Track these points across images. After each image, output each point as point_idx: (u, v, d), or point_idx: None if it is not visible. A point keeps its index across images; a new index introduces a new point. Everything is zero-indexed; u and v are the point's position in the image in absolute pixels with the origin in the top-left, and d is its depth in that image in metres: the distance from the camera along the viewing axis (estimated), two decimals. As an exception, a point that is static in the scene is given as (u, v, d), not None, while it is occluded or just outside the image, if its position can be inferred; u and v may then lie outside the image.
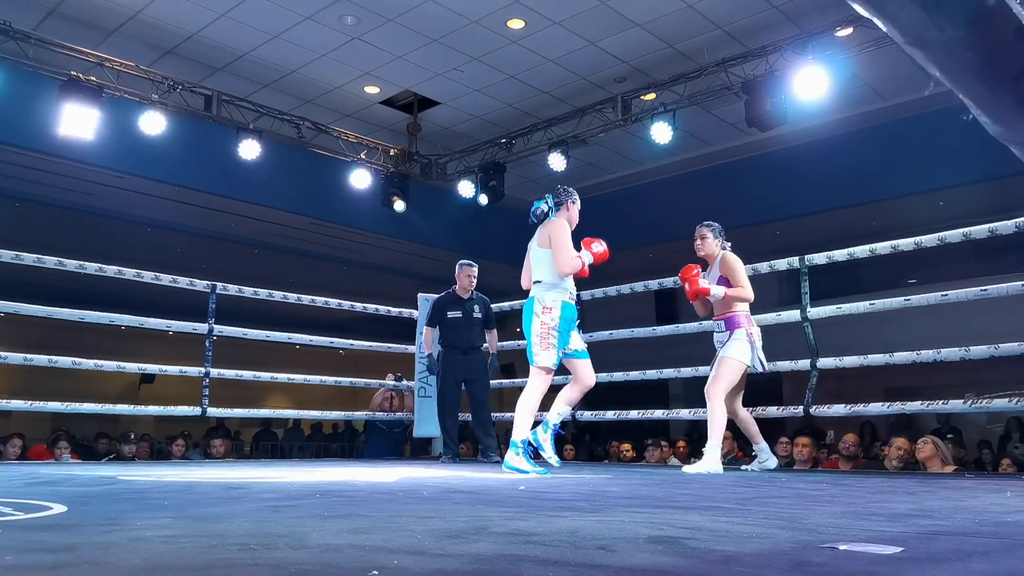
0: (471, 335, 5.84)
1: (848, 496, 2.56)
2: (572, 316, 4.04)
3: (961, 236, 4.45)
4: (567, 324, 3.97)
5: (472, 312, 5.86)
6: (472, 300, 5.92)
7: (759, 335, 4.45)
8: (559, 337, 3.92)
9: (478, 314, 5.87)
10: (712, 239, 4.63)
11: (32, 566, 1.07)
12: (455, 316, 5.83)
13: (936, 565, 1.17)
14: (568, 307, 3.99)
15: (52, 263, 5.09)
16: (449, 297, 5.94)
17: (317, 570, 1.06)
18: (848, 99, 7.90)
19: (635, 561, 1.16)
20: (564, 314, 3.94)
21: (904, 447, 5.22)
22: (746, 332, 4.36)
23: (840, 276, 7.92)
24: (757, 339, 4.42)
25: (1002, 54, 0.95)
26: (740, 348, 4.34)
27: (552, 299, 3.95)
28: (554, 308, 3.93)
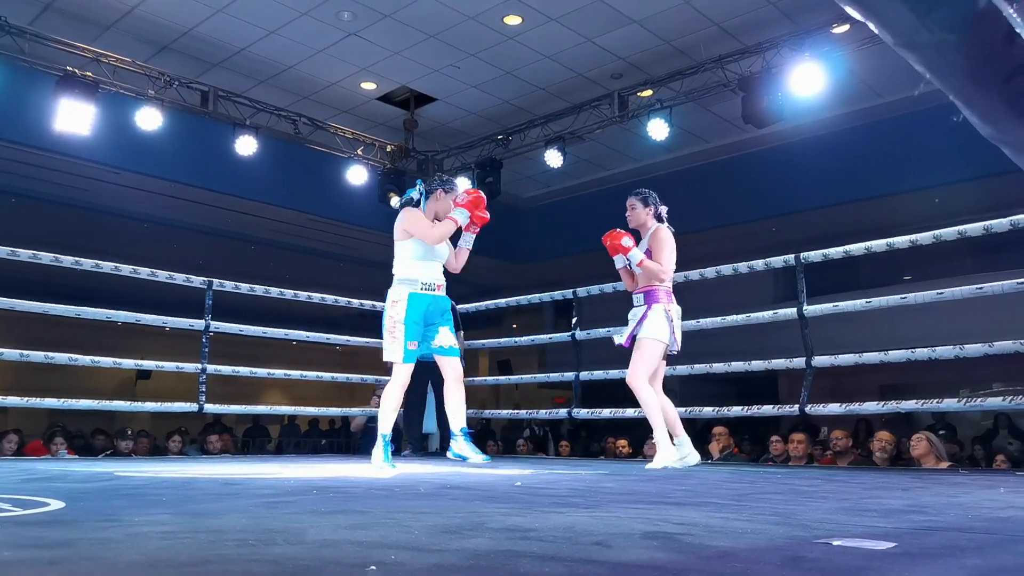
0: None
1: (842, 492, 2.57)
2: (429, 308, 3.97)
3: (956, 234, 4.47)
4: (419, 316, 3.92)
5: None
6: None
7: (678, 313, 4.27)
8: (408, 330, 3.87)
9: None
10: (642, 209, 4.34)
11: (30, 561, 1.07)
12: None
13: (929, 560, 1.18)
14: (418, 299, 3.93)
15: (48, 259, 5.08)
16: None
17: (315, 566, 1.06)
18: (844, 96, 7.91)
19: (631, 557, 1.17)
20: (413, 306, 3.90)
21: (887, 440, 5.26)
22: (664, 308, 4.16)
23: (836, 273, 7.95)
24: (675, 317, 4.22)
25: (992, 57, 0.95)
26: (657, 326, 4.14)
27: (398, 292, 3.94)
28: (400, 302, 3.92)
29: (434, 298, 4.02)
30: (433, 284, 4.02)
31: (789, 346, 5.23)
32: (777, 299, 9.52)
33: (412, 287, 3.96)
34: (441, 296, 4.08)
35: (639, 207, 4.34)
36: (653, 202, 4.34)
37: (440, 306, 4.06)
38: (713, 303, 7.35)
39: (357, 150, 9.38)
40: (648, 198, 4.34)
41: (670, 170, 10.27)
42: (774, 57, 7.17)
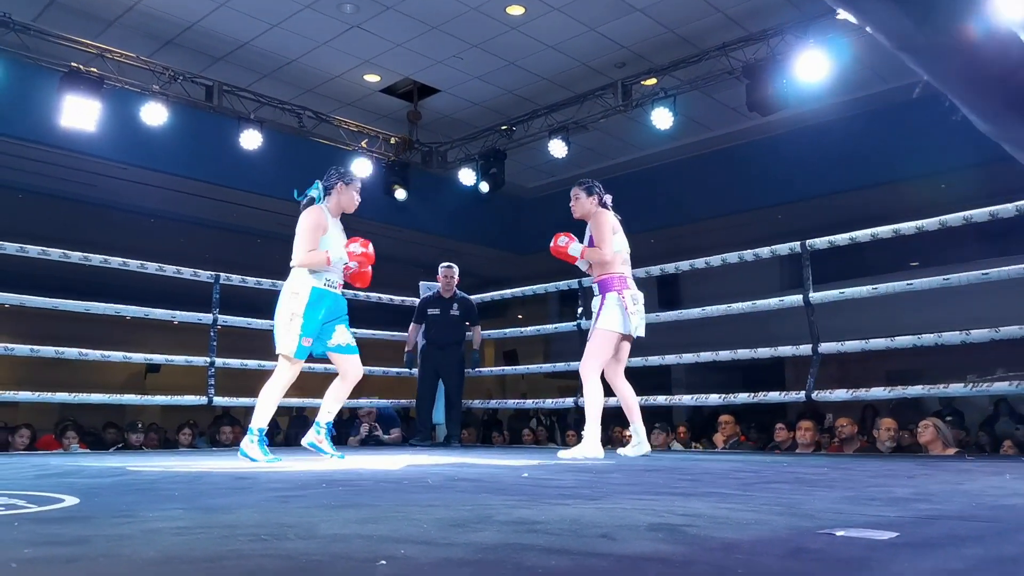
0: (447, 332, 6.34)
1: (848, 480, 2.59)
2: (330, 305, 3.81)
3: (962, 220, 4.46)
4: (318, 312, 3.75)
5: (450, 310, 6.36)
6: (453, 299, 6.40)
7: (637, 298, 4.21)
8: (307, 325, 3.70)
9: (455, 312, 6.36)
10: (585, 198, 4.28)
11: (48, 559, 1.09)
12: (434, 314, 6.38)
13: (930, 550, 1.19)
14: (321, 295, 3.76)
15: (56, 255, 5.12)
16: (432, 296, 6.51)
17: (327, 560, 1.08)
18: (849, 82, 7.88)
19: (635, 549, 1.19)
20: (315, 302, 3.73)
21: (891, 427, 5.27)
22: (618, 296, 4.13)
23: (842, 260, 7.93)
24: (631, 302, 4.15)
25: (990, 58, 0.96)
26: (610, 316, 4.12)
27: (301, 284, 3.76)
28: (301, 294, 3.73)
29: (335, 297, 3.87)
30: (335, 283, 3.87)
31: (795, 333, 5.23)
32: (783, 287, 9.52)
33: (317, 281, 3.78)
34: (340, 296, 3.93)
35: (583, 196, 4.30)
36: (597, 191, 4.30)
37: (340, 305, 3.92)
38: (719, 291, 7.36)
39: (361, 143, 9.39)
40: (591, 187, 4.31)
41: (674, 159, 10.26)
42: (778, 44, 7.14)
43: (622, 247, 4.29)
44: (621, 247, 4.28)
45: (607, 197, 4.35)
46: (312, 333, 3.74)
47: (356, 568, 1.03)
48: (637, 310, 4.18)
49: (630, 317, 4.14)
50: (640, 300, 4.24)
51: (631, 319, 4.15)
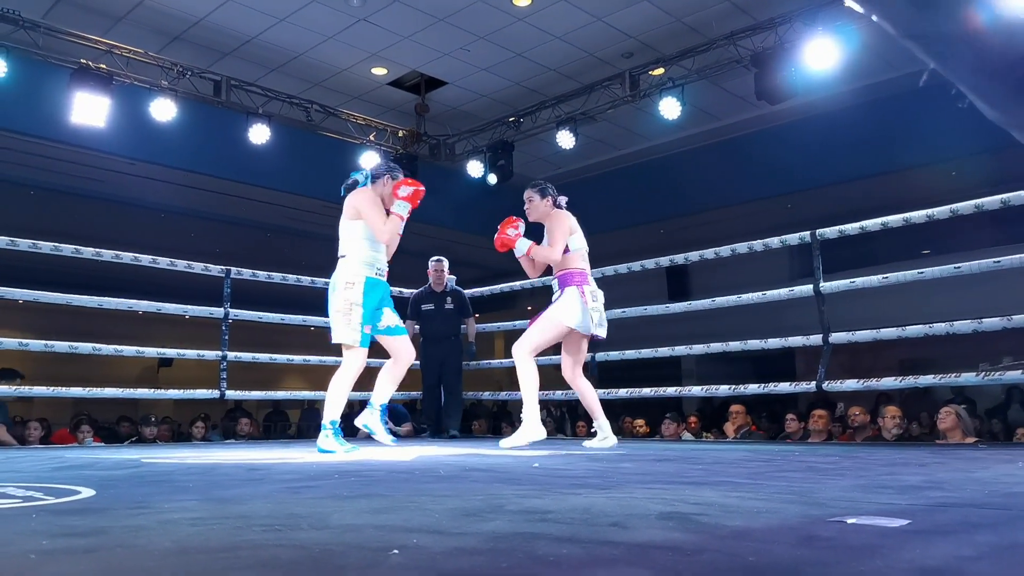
0: (444, 326, 6.43)
1: (860, 469, 2.58)
2: (381, 293, 3.89)
3: (974, 207, 4.43)
4: (374, 301, 3.82)
5: (444, 304, 6.44)
6: (445, 293, 6.48)
7: (596, 295, 4.15)
8: (364, 314, 3.76)
9: (450, 305, 6.45)
10: (539, 200, 4.25)
11: (66, 550, 1.11)
12: (428, 309, 6.45)
13: (942, 537, 1.19)
14: (374, 283, 3.83)
15: (68, 251, 5.15)
16: (424, 292, 6.53)
17: (340, 550, 1.09)
18: (859, 70, 7.82)
19: (647, 537, 1.19)
20: (369, 290, 3.78)
21: (896, 415, 5.26)
22: (578, 291, 4.05)
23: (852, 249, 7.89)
24: (591, 298, 4.08)
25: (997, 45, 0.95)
26: (566, 308, 4.04)
27: (355, 275, 3.80)
28: (356, 283, 3.77)
29: (382, 284, 3.93)
30: (383, 271, 3.93)
31: (806, 324, 5.21)
32: (793, 277, 9.49)
33: (368, 271, 3.83)
34: (386, 282, 3.98)
35: (536, 199, 4.27)
36: (551, 192, 4.28)
37: (386, 292, 3.97)
38: (729, 281, 7.34)
39: (369, 136, 9.40)
40: (545, 189, 4.28)
41: (683, 149, 10.22)
42: (787, 32, 7.09)
43: (581, 245, 4.24)
44: (580, 245, 4.23)
45: (562, 199, 4.32)
46: (370, 321, 3.83)
47: (369, 557, 1.04)
48: (597, 307, 4.11)
49: (590, 314, 4.06)
50: (600, 298, 4.17)
51: (591, 316, 4.06)
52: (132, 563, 1.03)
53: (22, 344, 5.33)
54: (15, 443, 5.85)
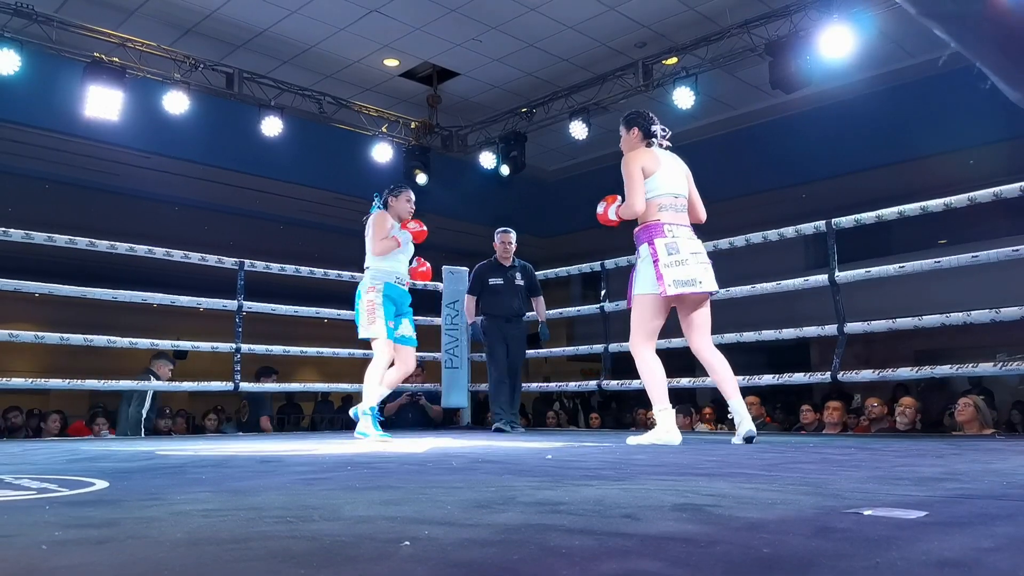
0: (514, 302, 5.80)
1: (875, 460, 2.56)
2: (399, 298, 4.45)
3: (992, 195, 4.37)
4: (391, 303, 4.38)
5: (514, 279, 5.81)
6: (514, 267, 5.85)
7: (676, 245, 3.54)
8: (387, 311, 4.34)
9: (520, 281, 5.83)
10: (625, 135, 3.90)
11: (80, 540, 1.11)
12: (496, 284, 5.78)
13: (959, 529, 1.18)
14: (392, 288, 4.41)
15: (84, 244, 5.18)
16: (490, 265, 5.89)
17: (352, 541, 1.09)
18: (874, 57, 7.74)
19: (660, 529, 1.18)
20: (387, 292, 4.37)
21: (910, 405, 5.22)
22: (649, 249, 3.56)
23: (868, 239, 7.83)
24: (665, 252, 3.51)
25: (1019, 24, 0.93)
26: (640, 277, 3.62)
27: (374, 280, 4.40)
28: (377, 287, 4.38)
29: (402, 291, 4.50)
30: (403, 280, 4.51)
31: (821, 314, 5.17)
32: (808, 266, 9.42)
33: (387, 277, 4.41)
34: (406, 291, 4.54)
35: (623, 133, 3.87)
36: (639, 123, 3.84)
37: (406, 300, 4.53)
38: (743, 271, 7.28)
39: (382, 128, 9.40)
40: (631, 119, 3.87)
41: (697, 139, 10.14)
42: (802, 20, 7.02)
43: (660, 190, 3.63)
44: (659, 190, 3.63)
45: (656, 127, 3.79)
46: (392, 317, 4.40)
47: (381, 548, 1.04)
48: (680, 259, 3.50)
49: (667, 270, 3.49)
50: (685, 248, 3.54)
51: (670, 272, 3.49)
52: (144, 554, 1.03)
53: (38, 337, 5.37)
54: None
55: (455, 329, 6.58)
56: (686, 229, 3.65)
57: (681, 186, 3.73)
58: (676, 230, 3.59)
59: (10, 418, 7.28)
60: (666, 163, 3.72)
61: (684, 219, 3.68)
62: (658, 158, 3.71)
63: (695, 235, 3.70)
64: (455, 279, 6.67)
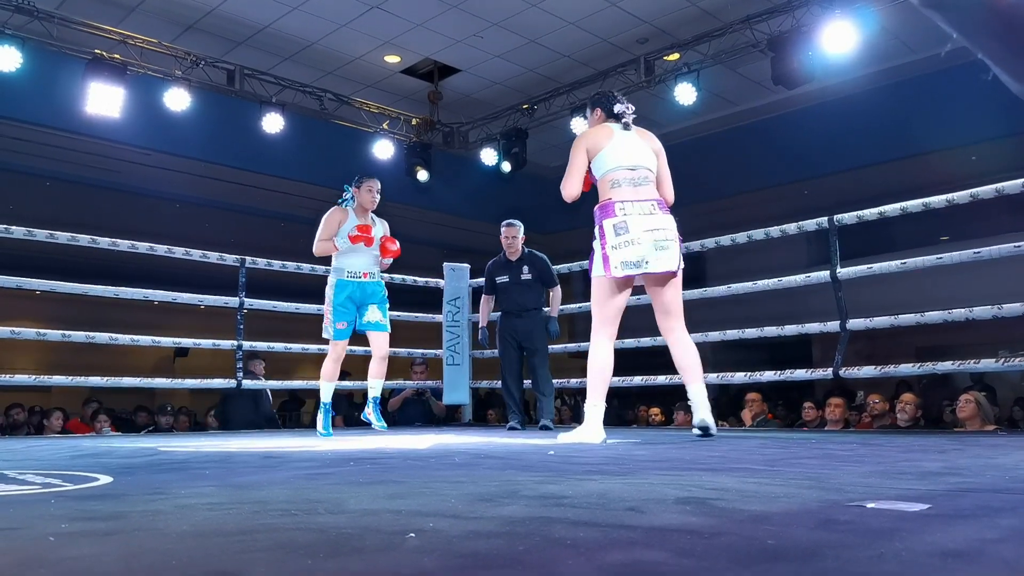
0: (523, 297, 5.66)
1: (878, 456, 2.56)
2: (352, 292, 4.53)
3: (994, 192, 4.37)
4: (344, 299, 4.50)
5: (520, 274, 5.68)
6: (521, 261, 5.73)
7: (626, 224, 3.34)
8: (335, 311, 4.50)
9: (527, 275, 5.67)
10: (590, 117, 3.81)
11: (86, 533, 1.12)
12: (503, 281, 5.73)
13: (962, 521, 1.18)
14: (343, 284, 4.52)
15: (85, 241, 5.19)
16: (497, 262, 5.83)
17: (357, 533, 1.09)
18: (877, 53, 7.72)
19: (663, 521, 1.18)
20: (339, 291, 4.51)
21: (910, 401, 5.23)
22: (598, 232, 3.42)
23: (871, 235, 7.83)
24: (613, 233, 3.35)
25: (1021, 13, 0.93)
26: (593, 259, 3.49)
27: (330, 279, 4.59)
28: (330, 287, 4.56)
29: (359, 284, 4.57)
30: (358, 273, 4.57)
31: (823, 310, 5.17)
32: (810, 263, 9.40)
33: (339, 275, 4.55)
34: (368, 282, 4.60)
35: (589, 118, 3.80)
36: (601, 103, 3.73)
37: (367, 291, 4.58)
38: (745, 268, 7.29)
39: (383, 124, 9.39)
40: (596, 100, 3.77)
41: (699, 135, 10.15)
42: (804, 15, 7.01)
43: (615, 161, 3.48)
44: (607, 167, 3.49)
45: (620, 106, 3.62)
46: (345, 317, 4.51)
47: (385, 541, 1.04)
48: (629, 239, 3.33)
49: (614, 252, 3.34)
50: (638, 226, 3.34)
51: (616, 253, 3.34)
52: (151, 545, 1.03)
53: (40, 334, 5.38)
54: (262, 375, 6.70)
55: (456, 326, 6.58)
56: (645, 204, 3.41)
57: (640, 158, 3.52)
58: (629, 207, 3.38)
59: (12, 415, 7.29)
60: (621, 137, 3.55)
61: (645, 192, 3.45)
62: (612, 132, 3.56)
63: (660, 208, 3.44)
64: (456, 276, 6.67)
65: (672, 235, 3.41)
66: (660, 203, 3.47)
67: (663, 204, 3.49)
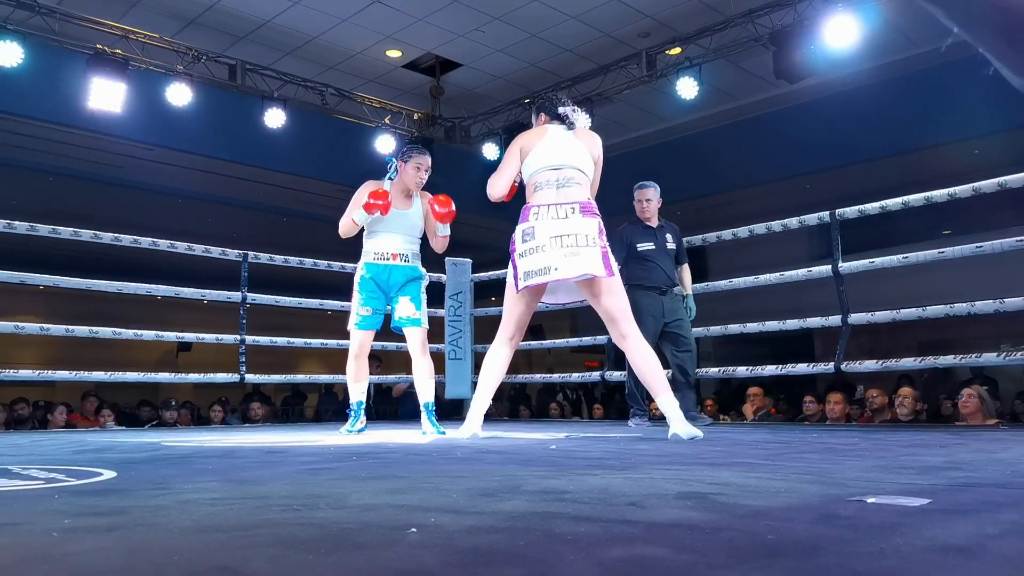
0: (669, 270, 4.94)
1: (879, 450, 2.57)
2: (378, 275, 3.97)
3: (997, 186, 4.36)
4: (371, 284, 3.97)
5: (666, 242, 4.96)
6: (663, 228, 5.03)
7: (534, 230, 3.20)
8: (362, 297, 3.97)
9: (672, 244, 4.99)
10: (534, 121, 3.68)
11: (89, 528, 1.12)
12: (646, 249, 4.90)
13: (964, 516, 1.18)
14: (369, 268, 3.99)
15: (88, 236, 5.19)
16: (636, 227, 5.00)
17: (358, 528, 1.10)
18: (879, 47, 7.69)
19: (664, 516, 1.19)
20: (367, 274, 3.98)
21: (909, 395, 5.23)
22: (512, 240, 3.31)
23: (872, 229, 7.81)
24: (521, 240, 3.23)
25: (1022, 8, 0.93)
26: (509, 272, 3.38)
27: (360, 262, 4.05)
28: (358, 269, 4.03)
29: (387, 268, 3.98)
30: (386, 254, 3.99)
31: (824, 304, 5.17)
32: (812, 257, 9.40)
33: (366, 257, 4.02)
34: (397, 266, 3.98)
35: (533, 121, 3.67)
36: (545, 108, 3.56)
37: (395, 277, 3.98)
38: (747, 262, 7.29)
39: (384, 119, 9.39)
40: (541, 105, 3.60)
41: (700, 129, 10.12)
42: (806, 9, 6.99)
43: (540, 163, 3.33)
44: (538, 163, 3.33)
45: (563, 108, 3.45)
46: (371, 303, 3.98)
47: (387, 536, 1.05)
48: (535, 246, 3.17)
49: (521, 260, 3.21)
50: (545, 231, 3.16)
51: (523, 262, 3.20)
52: (154, 540, 1.04)
53: (43, 329, 5.39)
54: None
55: (458, 320, 6.60)
56: (563, 207, 3.20)
57: (569, 157, 3.30)
58: (544, 211, 3.21)
59: (16, 410, 7.31)
60: (555, 137, 3.36)
61: (568, 195, 3.24)
62: (546, 132, 3.39)
63: (581, 212, 3.20)
64: (458, 271, 6.68)
65: (586, 240, 3.14)
66: (584, 206, 3.22)
67: (587, 208, 3.23)
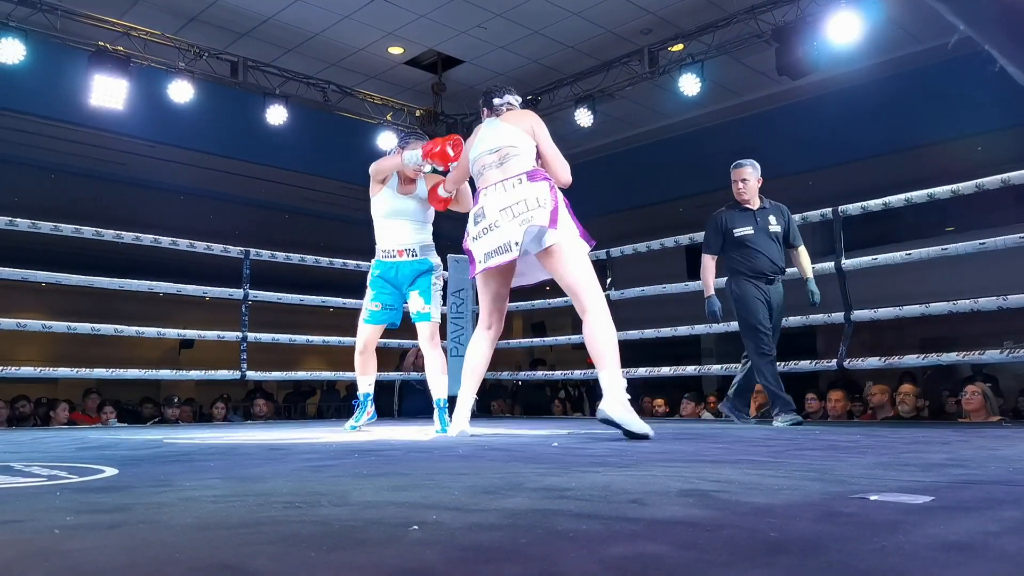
0: (775, 256, 4.53)
1: (882, 447, 2.56)
2: (384, 272, 3.99)
3: (1000, 182, 4.35)
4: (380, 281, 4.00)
5: (769, 224, 4.55)
6: (765, 209, 4.61)
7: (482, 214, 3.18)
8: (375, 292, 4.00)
9: (776, 226, 4.56)
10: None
11: (91, 525, 1.12)
12: (745, 234, 4.52)
13: (965, 514, 1.18)
14: (378, 265, 4.02)
15: (90, 233, 5.20)
16: (733, 211, 4.63)
17: (360, 526, 1.10)
18: (882, 43, 7.68)
19: (666, 514, 1.19)
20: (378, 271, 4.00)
21: (909, 392, 5.23)
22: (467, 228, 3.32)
23: (875, 226, 7.81)
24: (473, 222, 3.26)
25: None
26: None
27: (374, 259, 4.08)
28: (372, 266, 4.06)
29: (395, 265, 3.95)
30: (393, 251, 3.94)
31: (827, 301, 5.17)
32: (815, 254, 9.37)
33: (377, 255, 4.04)
34: (405, 262, 3.93)
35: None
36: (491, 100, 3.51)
37: (403, 273, 3.94)
38: (748, 260, 7.27)
39: (386, 116, 9.38)
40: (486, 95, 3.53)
41: (703, 125, 10.11)
42: (809, 5, 6.97)
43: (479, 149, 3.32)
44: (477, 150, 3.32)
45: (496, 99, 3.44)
46: (378, 298, 4.02)
47: (389, 533, 1.04)
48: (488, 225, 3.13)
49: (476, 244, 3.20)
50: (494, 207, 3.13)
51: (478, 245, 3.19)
52: (156, 538, 1.04)
53: (46, 326, 5.40)
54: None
55: (460, 317, 6.60)
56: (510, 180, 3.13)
57: (503, 139, 3.24)
58: (491, 189, 3.17)
59: (18, 407, 7.32)
60: (487, 127, 3.35)
61: (512, 168, 3.16)
62: (483, 124, 3.40)
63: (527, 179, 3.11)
64: (460, 268, 6.67)
65: (536, 202, 3.03)
66: (531, 174, 3.12)
67: (534, 174, 3.13)
